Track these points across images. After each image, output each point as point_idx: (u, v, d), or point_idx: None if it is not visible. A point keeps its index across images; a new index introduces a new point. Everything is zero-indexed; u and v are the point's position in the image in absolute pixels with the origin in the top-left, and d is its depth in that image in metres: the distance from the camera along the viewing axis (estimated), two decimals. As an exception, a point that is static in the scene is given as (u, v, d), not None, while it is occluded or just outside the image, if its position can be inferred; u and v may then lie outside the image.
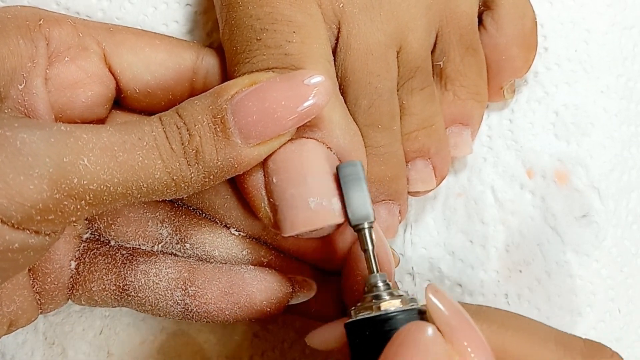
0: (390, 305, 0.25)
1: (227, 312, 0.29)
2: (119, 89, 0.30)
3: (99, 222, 0.31)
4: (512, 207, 0.35)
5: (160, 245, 0.31)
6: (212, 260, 0.31)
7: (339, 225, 0.28)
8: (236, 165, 0.26)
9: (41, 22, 0.28)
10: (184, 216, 0.31)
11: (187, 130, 0.26)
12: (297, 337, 0.36)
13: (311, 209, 0.27)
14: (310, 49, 0.28)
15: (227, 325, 0.35)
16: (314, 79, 0.26)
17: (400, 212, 0.32)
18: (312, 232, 0.28)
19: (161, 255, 0.30)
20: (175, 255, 0.31)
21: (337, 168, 0.28)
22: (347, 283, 0.30)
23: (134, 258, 0.30)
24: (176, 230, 0.31)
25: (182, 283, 0.29)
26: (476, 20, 0.33)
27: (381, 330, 0.25)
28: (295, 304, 0.31)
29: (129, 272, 0.30)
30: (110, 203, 0.25)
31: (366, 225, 0.27)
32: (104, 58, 0.29)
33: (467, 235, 0.36)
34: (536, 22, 0.34)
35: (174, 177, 0.25)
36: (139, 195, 0.25)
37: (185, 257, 0.31)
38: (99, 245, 0.30)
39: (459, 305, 0.24)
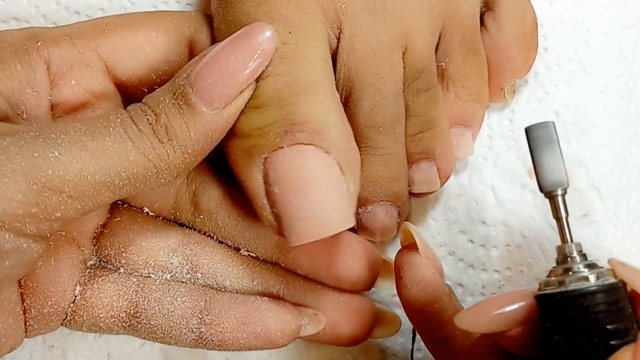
0: (591, 278, 0.25)
1: (242, 342, 0.30)
2: (126, 94, 0.30)
3: (109, 249, 0.30)
4: (513, 207, 0.35)
5: (169, 275, 0.31)
6: (223, 289, 0.31)
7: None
8: (210, 134, 0.26)
9: (39, 44, 0.28)
10: (195, 244, 0.31)
11: (152, 111, 0.26)
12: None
13: (316, 219, 0.26)
14: (306, 49, 0.28)
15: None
16: (258, 30, 0.27)
17: (399, 215, 0.32)
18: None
19: (174, 283, 0.30)
20: (185, 283, 0.31)
21: (527, 130, 0.27)
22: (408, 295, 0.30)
23: (147, 286, 0.30)
24: (187, 260, 0.31)
25: (198, 312, 0.30)
26: (478, 21, 0.33)
27: (582, 305, 0.24)
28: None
29: (141, 299, 0.30)
30: (95, 196, 0.25)
31: (559, 192, 0.27)
32: (107, 71, 0.29)
33: (468, 236, 0.36)
34: (537, 22, 0.34)
35: (150, 157, 0.25)
36: (121, 184, 0.25)
37: (198, 286, 0.31)
38: (107, 272, 0.30)
39: None
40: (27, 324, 0.28)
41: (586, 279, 0.25)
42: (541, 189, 0.27)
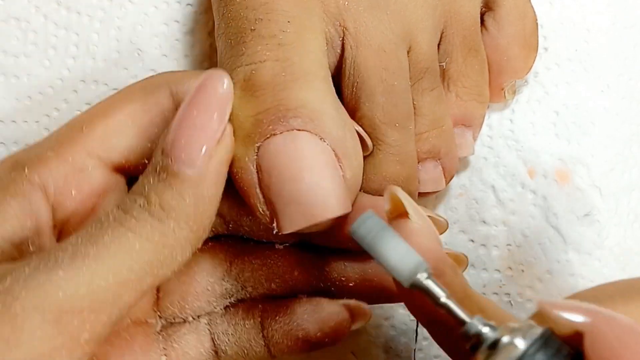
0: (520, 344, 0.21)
1: (287, 350, 0.30)
2: (130, 173, 0.30)
3: (171, 308, 0.30)
4: (514, 207, 0.35)
5: (228, 301, 0.31)
6: (272, 292, 0.31)
7: (337, 218, 0.27)
8: (205, 192, 0.25)
9: (26, 171, 0.27)
10: (237, 260, 0.31)
11: (141, 195, 0.25)
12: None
13: (310, 203, 0.26)
14: (304, 39, 0.28)
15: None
16: (213, 79, 0.26)
17: None
18: (311, 226, 0.27)
19: (233, 308, 0.31)
20: (243, 301, 0.31)
21: (352, 231, 0.24)
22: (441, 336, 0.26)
23: (214, 320, 0.30)
24: (236, 280, 0.31)
25: (258, 326, 0.30)
26: (479, 21, 0.33)
27: None
28: None
29: (217, 335, 0.30)
30: (117, 300, 0.23)
31: (424, 275, 0.22)
32: (103, 164, 0.28)
33: (469, 235, 0.35)
34: (537, 22, 0.34)
35: (156, 239, 0.24)
36: (139, 278, 0.24)
37: (252, 301, 0.31)
38: (179, 327, 0.30)
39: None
40: None
41: (513, 345, 0.21)
42: (404, 284, 0.23)
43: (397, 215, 0.26)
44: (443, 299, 0.22)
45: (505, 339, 0.21)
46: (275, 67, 0.27)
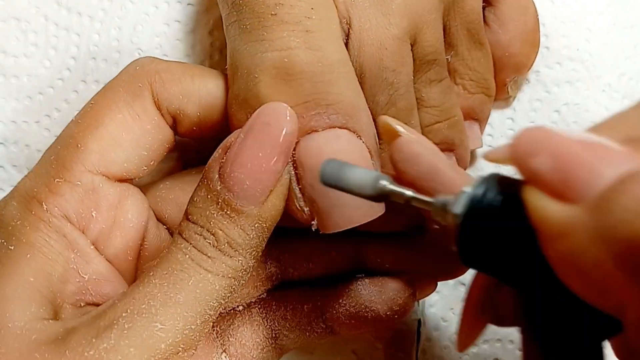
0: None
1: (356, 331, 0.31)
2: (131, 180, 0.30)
3: None
4: (515, 206, 0.35)
5: (274, 282, 0.31)
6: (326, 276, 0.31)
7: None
8: (264, 225, 0.26)
9: (44, 206, 0.27)
10: (277, 243, 0.31)
11: (207, 231, 0.26)
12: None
13: (354, 206, 0.26)
14: (329, 28, 0.28)
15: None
16: (275, 114, 0.26)
17: None
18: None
19: (286, 293, 0.31)
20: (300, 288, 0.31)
21: (320, 179, 0.25)
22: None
23: (267, 306, 0.31)
24: (279, 261, 0.31)
25: (318, 312, 0.30)
26: (482, 15, 0.33)
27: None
28: None
29: (272, 322, 0.31)
30: (199, 335, 0.26)
31: (386, 183, 0.24)
32: (110, 177, 0.29)
33: (470, 235, 0.35)
34: (538, 18, 0.34)
35: (230, 275, 0.26)
36: (215, 310, 0.26)
37: (311, 288, 0.31)
38: (234, 315, 0.31)
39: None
40: None
41: (463, 192, 0.22)
42: (373, 197, 0.24)
43: (391, 140, 0.27)
44: (408, 193, 0.24)
45: (461, 191, 0.22)
46: (309, 55, 0.27)
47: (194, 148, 0.34)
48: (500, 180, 0.22)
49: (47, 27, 0.34)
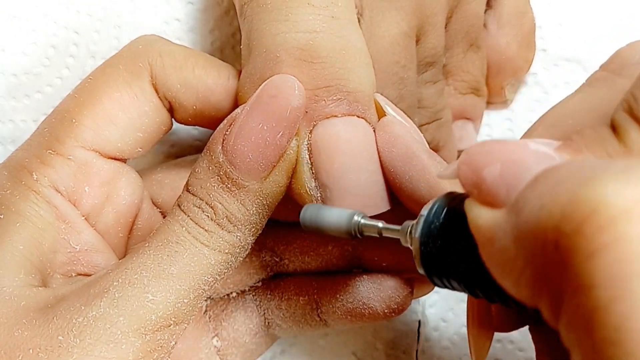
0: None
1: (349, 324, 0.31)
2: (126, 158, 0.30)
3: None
4: (514, 206, 0.35)
5: (269, 272, 0.32)
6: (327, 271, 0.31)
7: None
8: (266, 202, 0.26)
9: (34, 176, 0.27)
10: (272, 232, 0.31)
11: (206, 204, 0.26)
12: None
13: (367, 196, 0.26)
14: (352, 15, 0.27)
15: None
16: (281, 84, 0.25)
17: None
18: None
19: (281, 283, 0.31)
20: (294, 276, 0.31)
21: (301, 221, 0.26)
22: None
23: (262, 294, 0.31)
24: (275, 254, 0.31)
25: (313, 303, 0.31)
26: (482, 19, 0.34)
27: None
28: None
29: (266, 310, 0.31)
30: (193, 310, 0.26)
31: (359, 217, 0.25)
32: (102, 154, 0.29)
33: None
34: (535, 22, 0.35)
35: (226, 251, 0.26)
36: (210, 285, 0.26)
37: (307, 277, 0.31)
38: (229, 302, 0.32)
39: None
40: None
41: (420, 214, 0.22)
42: (348, 233, 0.25)
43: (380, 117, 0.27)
44: (380, 225, 0.24)
45: (420, 215, 0.23)
46: (335, 41, 0.26)
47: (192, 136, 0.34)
48: (453, 198, 0.22)
49: (46, 25, 0.34)
